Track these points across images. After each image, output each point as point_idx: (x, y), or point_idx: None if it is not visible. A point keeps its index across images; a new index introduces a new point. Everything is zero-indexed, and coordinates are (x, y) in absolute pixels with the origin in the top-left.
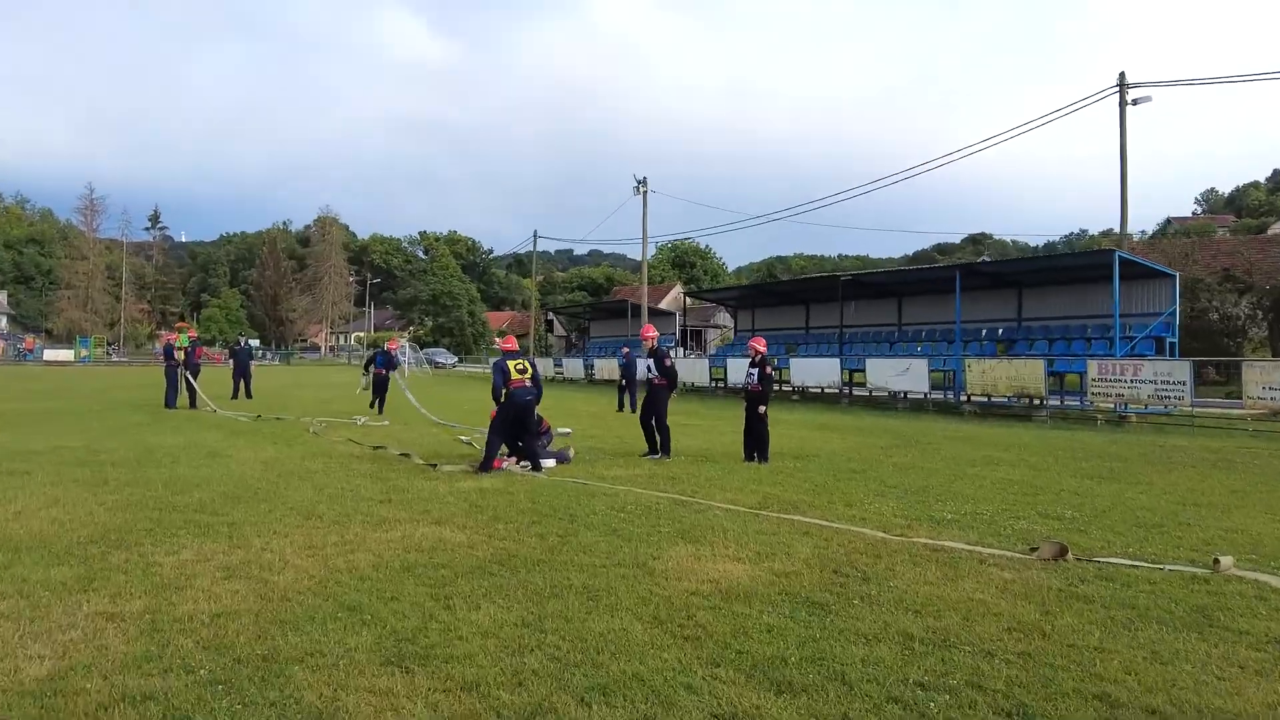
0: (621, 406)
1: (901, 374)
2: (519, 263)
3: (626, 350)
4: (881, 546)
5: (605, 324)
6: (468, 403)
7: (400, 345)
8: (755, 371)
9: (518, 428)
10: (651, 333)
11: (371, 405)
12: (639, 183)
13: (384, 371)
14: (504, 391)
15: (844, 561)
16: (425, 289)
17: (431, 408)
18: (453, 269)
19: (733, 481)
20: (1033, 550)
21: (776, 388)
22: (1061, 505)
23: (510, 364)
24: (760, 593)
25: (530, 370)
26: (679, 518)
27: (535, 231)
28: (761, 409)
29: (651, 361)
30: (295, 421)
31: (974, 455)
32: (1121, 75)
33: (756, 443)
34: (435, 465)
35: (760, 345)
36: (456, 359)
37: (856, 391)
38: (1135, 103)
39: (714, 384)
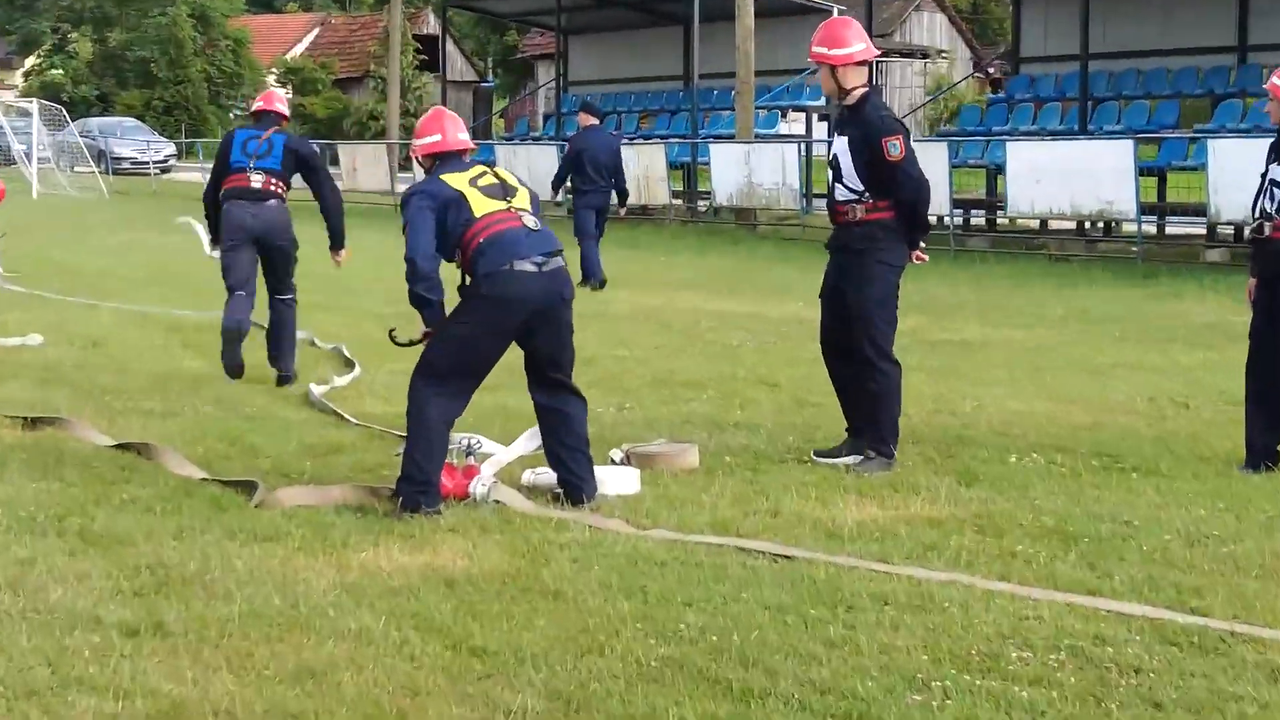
0: (589, 275)
1: None
2: None
3: (588, 120)
4: None
5: (611, 44)
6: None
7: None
8: None
9: (530, 357)
10: (857, 48)
11: None
12: None
13: None
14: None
15: None
16: None
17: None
18: None
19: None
20: None
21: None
22: None
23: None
24: None
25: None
26: None
27: None
28: None
29: (841, 155)
30: None
31: None
32: None
33: None
34: (254, 487)
35: None
36: (174, 150)
37: None
38: None
39: (957, 220)
